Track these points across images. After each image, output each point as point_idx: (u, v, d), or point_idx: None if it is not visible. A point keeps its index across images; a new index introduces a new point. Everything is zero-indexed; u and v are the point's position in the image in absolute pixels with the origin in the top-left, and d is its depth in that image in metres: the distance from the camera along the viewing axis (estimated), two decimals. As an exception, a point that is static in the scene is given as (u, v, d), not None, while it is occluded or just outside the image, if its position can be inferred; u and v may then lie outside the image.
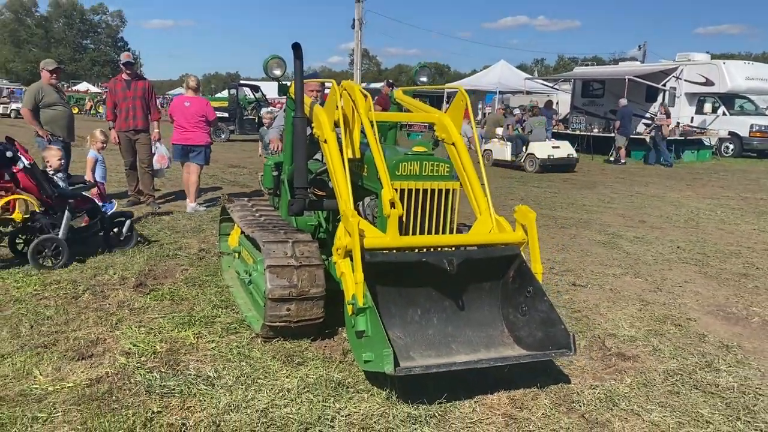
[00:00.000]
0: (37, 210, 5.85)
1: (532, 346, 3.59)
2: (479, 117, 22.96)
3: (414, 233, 3.82)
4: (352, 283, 3.28)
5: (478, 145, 4.38)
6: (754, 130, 20.08)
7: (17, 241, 5.94)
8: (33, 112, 7.77)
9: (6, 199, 6.73)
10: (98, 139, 7.51)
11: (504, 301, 3.83)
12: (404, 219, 3.77)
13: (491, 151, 16.29)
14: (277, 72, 4.54)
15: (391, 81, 16.52)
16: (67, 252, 5.57)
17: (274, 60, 4.51)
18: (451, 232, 3.94)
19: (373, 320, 3.15)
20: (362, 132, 3.97)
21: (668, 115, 18.82)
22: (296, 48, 4.01)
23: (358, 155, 4.02)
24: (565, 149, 15.41)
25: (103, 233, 6.24)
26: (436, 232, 3.87)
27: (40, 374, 3.46)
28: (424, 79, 5.19)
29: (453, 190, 3.91)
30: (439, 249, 3.77)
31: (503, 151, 15.87)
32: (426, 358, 3.46)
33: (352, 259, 3.31)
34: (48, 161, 6.51)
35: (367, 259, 3.34)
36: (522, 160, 15.25)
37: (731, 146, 20.35)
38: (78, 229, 6.12)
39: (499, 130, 16.30)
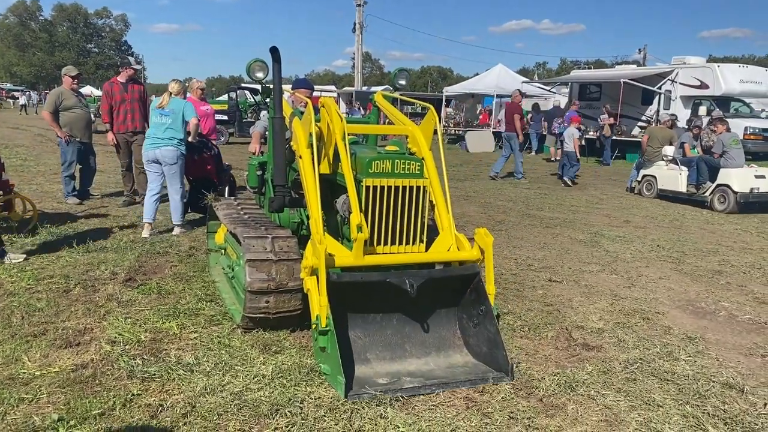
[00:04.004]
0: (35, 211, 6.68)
1: (478, 356, 3.88)
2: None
3: (387, 228, 4.01)
4: (317, 303, 3.54)
5: (444, 160, 4.44)
6: (748, 132, 20.15)
7: None
8: (53, 114, 8.65)
9: (4, 199, 6.96)
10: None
11: (460, 305, 4.09)
12: (377, 215, 3.97)
13: (654, 177, 11.87)
14: (260, 75, 4.77)
15: (523, 91, 16.29)
16: None
17: (256, 63, 4.73)
18: (422, 227, 4.13)
19: (332, 343, 3.42)
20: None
21: (610, 115, 19.15)
22: (274, 51, 4.21)
23: (331, 171, 4.23)
24: None
25: None
26: (408, 228, 4.06)
27: (29, 360, 3.66)
28: (402, 82, 5.37)
29: (423, 187, 4.10)
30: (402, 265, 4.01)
31: (675, 178, 11.40)
32: (380, 360, 3.75)
33: (318, 279, 3.58)
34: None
35: (334, 279, 3.62)
36: (708, 193, 10.78)
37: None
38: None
39: (670, 150, 11.73)
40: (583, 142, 17.30)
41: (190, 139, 7.08)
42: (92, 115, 10.12)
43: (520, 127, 13.67)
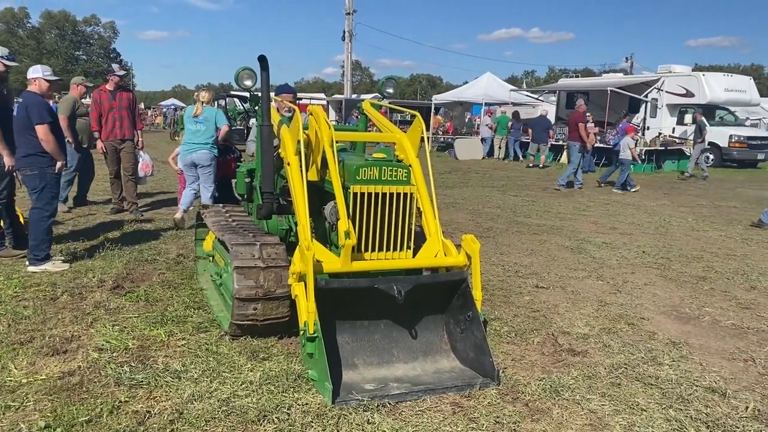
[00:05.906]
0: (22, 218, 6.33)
1: (465, 361, 3.92)
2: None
3: (374, 235, 4.05)
4: (305, 310, 3.57)
5: (430, 166, 4.50)
6: (733, 140, 20.50)
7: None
8: (69, 119, 8.66)
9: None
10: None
11: (447, 311, 4.12)
12: (365, 221, 4.01)
13: None
14: (248, 83, 4.79)
15: (582, 99, 16.19)
16: None
17: (244, 71, 4.76)
18: (409, 234, 4.17)
19: (320, 350, 3.45)
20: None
21: (595, 124, 19.42)
22: (262, 60, 4.24)
23: (319, 178, 4.28)
24: None
25: None
26: (395, 235, 4.10)
27: (15, 368, 3.65)
28: (390, 90, 5.42)
29: (410, 194, 4.13)
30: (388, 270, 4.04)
31: None
32: (368, 366, 3.78)
33: (306, 285, 3.60)
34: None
35: (322, 285, 3.63)
36: None
37: (711, 156, 20.71)
38: None
39: None
40: (639, 150, 17.61)
41: (219, 140, 7.82)
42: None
43: (585, 135, 14.07)
